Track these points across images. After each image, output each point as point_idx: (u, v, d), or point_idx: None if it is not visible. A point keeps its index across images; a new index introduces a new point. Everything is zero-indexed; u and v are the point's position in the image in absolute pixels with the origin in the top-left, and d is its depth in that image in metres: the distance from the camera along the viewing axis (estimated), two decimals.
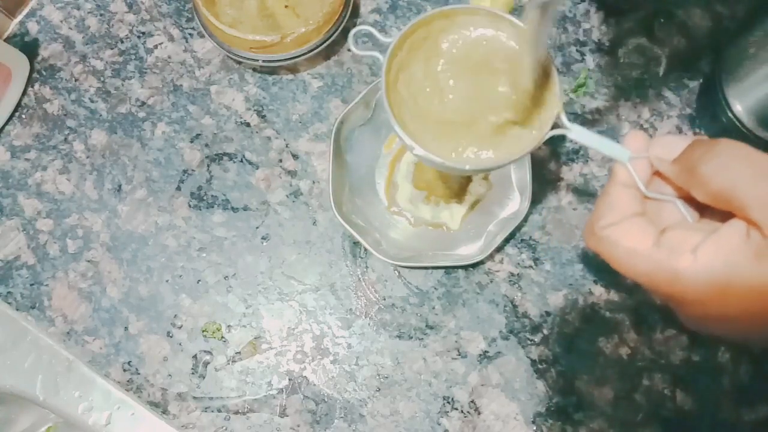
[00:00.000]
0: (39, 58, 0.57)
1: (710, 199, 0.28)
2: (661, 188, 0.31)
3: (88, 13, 0.58)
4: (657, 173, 0.32)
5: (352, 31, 0.38)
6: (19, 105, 0.56)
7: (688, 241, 0.27)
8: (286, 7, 0.54)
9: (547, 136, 0.34)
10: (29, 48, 0.57)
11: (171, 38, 0.57)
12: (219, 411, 0.49)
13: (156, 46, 0.57)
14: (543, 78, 0.36)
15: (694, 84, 0.54)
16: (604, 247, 0.30)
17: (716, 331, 0.29)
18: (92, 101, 0.56)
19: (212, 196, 0.53)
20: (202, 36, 0.56)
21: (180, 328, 0.51)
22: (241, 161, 0.54)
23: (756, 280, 0.25)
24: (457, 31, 0.37)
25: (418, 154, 0.34)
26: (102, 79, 0.56)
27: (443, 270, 0.51)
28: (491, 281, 0.50)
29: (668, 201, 0.31)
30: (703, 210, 0.31)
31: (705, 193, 0.28)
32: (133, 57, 0.57)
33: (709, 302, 0.26)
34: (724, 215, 0.28)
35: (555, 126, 0.34)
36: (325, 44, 0.52)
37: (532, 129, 0.36)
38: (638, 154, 0.31)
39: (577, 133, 0.33)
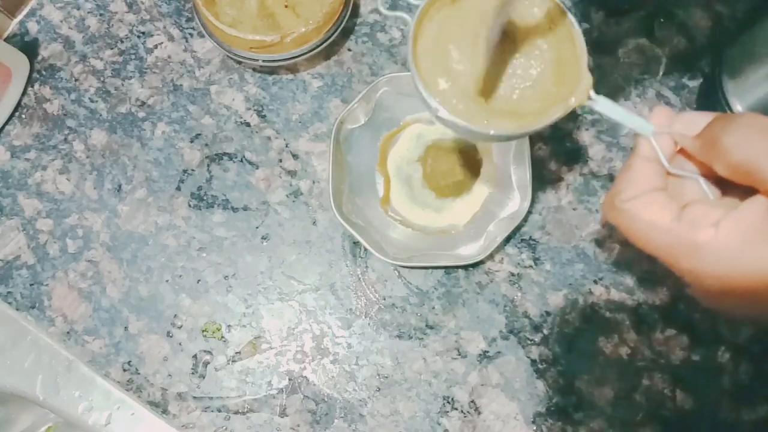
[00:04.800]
0: (39, 58, 0.57)
1: (731, 173, 0.28)
2: (683, 166, 0.31)
3: (88, 13, 0.58)
4: (680, 151, 0.31)
5: None
6: (19, 105, 0.56)
7: (710, 215, 0.27)
8: (286, 7, 0.54)
9: (572, 106, 0.33)
10: (29, 48, 0.57)
11: (171, 38, 0.57)
12: (219, 411, 0.49)
13: (156, 46, 0.57)
14: (570, 49, 0.35)
15: (694, 84, 0.54)
16: (623, 220, 0.30)
17: (734, 307, 0.28)
18: (92, 101, 0.56)
19: (212, 196, 0.53)
20: (202, 36, 0.56)
21: (180, 328, 0.51)
22: (241, 161, 0.54)
23: None
24: None
25: (442, 116, 0.33)
26: (102, 79, 0.56)
27: (443, 270, 0.51)
28: (491, 281, 0.50)
29: (690, 178, 0.31)
30: (726, 189, 0.31)
31: (726, 165, 0.28)
32: (133, 57, 0.57)
33: (729, 277, 0.26)
34: (746, 194, 0.28)
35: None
36: (325, 44, 0.52)
37: (560, 98, 0.35)
38: (662, 129, 0.31)
39: (602, 105, 0.33)
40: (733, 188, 0.30)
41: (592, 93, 0.33)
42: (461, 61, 0.36)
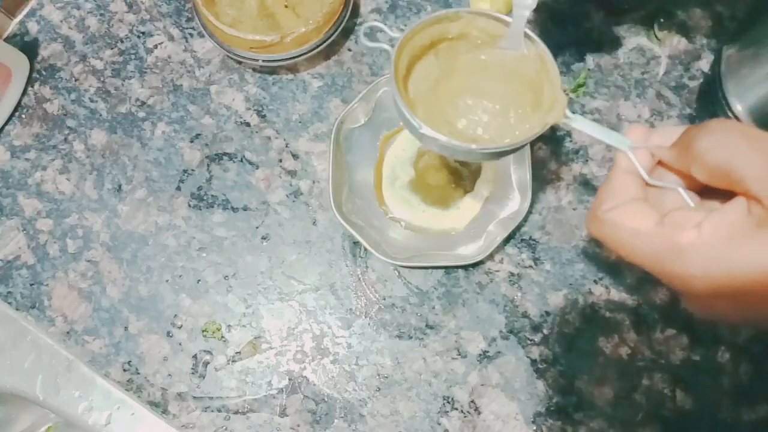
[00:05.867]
0: (39, 58, 0.57)
1: (709, 176, 0.28)
2: (662, 177, 0.32)
3: (88, 13, 0.58)
4: (659, 163, 0.32)
5: (363, 26, 0.39)
6: (19, 105, 0.56)
7: (692, 218, 0.27)
8: (286, 7, 0.54)
9: (549, 125, 0.35)
10: (29, 48, 0.57)
11: (171, 38, 0.57)
12: (219, 411, 0.49)
13: (156, 46, 0.57)
14: (543, 70, 0.37)
15: (694, 84, 0.54)
16: (606, 230, 0.30)
17: (721, 310, 0.29)
18: (92, 101, 0.56)
19: (212, 196, 0.53)
20: (202, 36, 0.56)
21: (180, 328, 0.51)
22: (241, 161, 0.54)
23: (759, 252, 0.25)
24: (460, 32, 0.38)
25: (425, 133, 0.35)
26: (102, 79, 0.56)
27: (443, 270, 0.51)
28: (491, 281, 0.50)
29: (670, 188, 0.31)
30: (704, 199, 0.31)
31: (703, 169, 0.28)
32: (133, 57, 0.57)
33: (716, 277, 0.26)
34: (724, 200, 0.28)
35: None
36: (325, 44, 0.52)
37: (536, 119, 0.37)
38: (639, 144, 0.32)
39: (579, 123, 0.34)
40: (712, 197, 0.30)
41: (568, 112, 0.35)
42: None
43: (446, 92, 0.39)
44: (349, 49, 0.56)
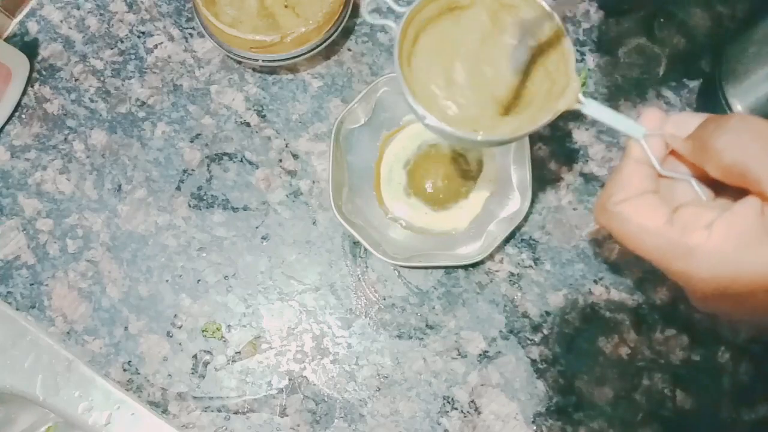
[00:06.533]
0: (39, 58, 0.57)
1: (723, 175, 0.27)
2: (675, 168, 0.31)
3: (88, 12, 0.58)
4: (672, 152, 0.31)
5: (366, 0, 0.37)
6: (19, 105, 0.56)
7: (702, 217, 0.27)
8: (286, 6, 0.54)
9: (560, 110, 0.33)
10: (29, 48, 0.57)
11: (171, 38, 0.57)
12: (219, 411, 0.49)
13: (156, 46, 0.57)
14: (558, 54, 0.35)
15: (694, 84, 0.54)
16: (615, 224, 0.29)
17: (728, 311, 0.28)
18: (92, 101, 0.56)
19: (212, 195, 0.53)
20: (202, 36, 0.56)
21: (180, 328, 0.51)
22: (241, 161, 0.54)
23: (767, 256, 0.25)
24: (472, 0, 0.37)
25: (430, 123, 0.34)
26: (102, 78, 0.56)
27: (443, 270, 0.51)
28: (491, 281, 0.50)
29: (682, 180, 0.31)
30: (718, 190, 0.30)
31: (718, 168, 0.27)
32: (133, 57, 0.57)
33: (723, 280, 0.26)
34: (738, 195, 0.27)
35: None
36: (325, 44, 0.52)
37: (547, 103, 0.35)
38: (653, 131, 0.31)
39: (592, 108, 0.33)
40: (726, 189, 0.29)
41: (580, 96, 0.33)
42: (462, 74, 0.36)
43: (462, 74, 0.37)
44: (349, 49, 0.56)
